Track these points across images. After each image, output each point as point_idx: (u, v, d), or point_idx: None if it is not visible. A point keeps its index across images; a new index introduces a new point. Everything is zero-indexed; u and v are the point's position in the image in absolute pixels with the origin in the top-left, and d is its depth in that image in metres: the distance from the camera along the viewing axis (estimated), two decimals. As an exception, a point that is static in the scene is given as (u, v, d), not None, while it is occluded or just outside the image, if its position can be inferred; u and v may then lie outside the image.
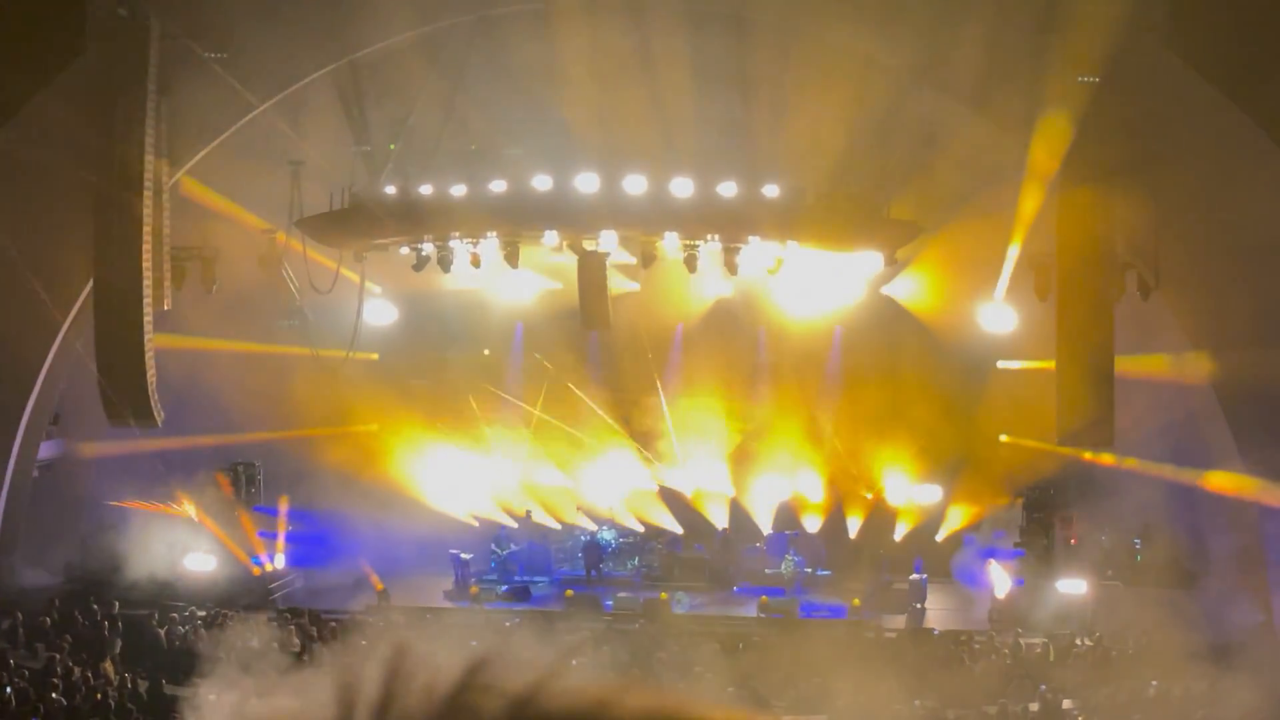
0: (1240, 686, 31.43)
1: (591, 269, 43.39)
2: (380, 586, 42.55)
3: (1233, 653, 34.34)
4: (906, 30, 38.03)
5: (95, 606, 38.46)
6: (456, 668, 4.25)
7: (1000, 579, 42.58)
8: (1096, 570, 40.90)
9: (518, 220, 41.49)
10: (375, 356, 48.13)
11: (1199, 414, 39.41)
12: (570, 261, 43.28)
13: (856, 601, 42.18)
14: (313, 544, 45.68)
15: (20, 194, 38.68)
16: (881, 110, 40.37)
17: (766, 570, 45.70)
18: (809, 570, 45.45)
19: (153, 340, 38.06)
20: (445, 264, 43.09)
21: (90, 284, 38.26)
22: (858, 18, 38.18)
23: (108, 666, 33.45)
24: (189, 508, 42.63)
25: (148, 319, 37.88)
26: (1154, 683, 33.28)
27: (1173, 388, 39.64)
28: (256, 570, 43.14)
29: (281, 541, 45.16)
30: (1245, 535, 37.87)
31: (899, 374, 46.54)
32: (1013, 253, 40.50)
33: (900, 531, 46.74)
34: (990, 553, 44.21)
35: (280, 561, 44.27)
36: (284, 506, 46.13)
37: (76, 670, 32.92)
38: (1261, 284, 37.12)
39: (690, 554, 46.46)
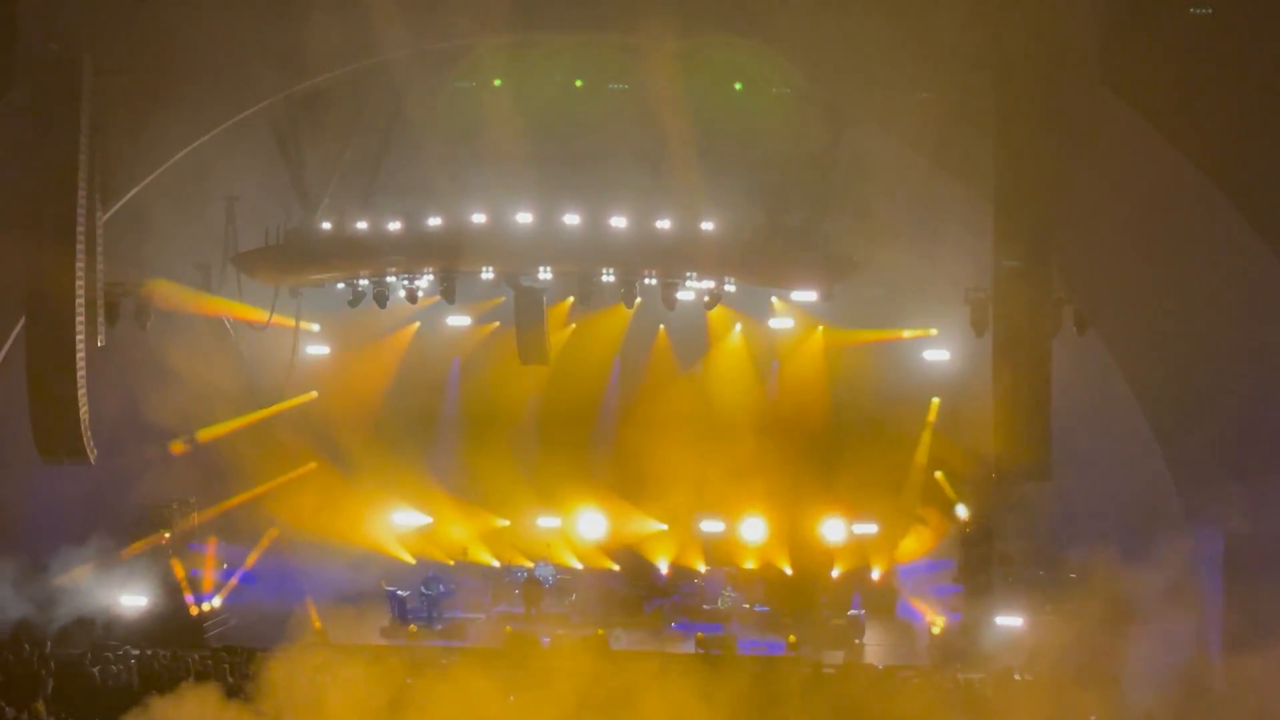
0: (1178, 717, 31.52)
1: (528, 304, 43.38)
2: (318, 624, 42.21)
3: (1171, 684, 34.38)
4: (840, 65, 38.11)
5: (26, 645, 38.06)
6: None
7: (937, 614, 42.59)
8: (1034, 604, 40.88)
9: (454, 256, 41.35)
10: (313, 394, 47.97)
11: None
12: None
13: (793, 638, 42.07)
14: (246, 581, 45.35)
15: (-50, 229, 38.34)
16: (817, 145, 40.49)
17: (704, 606, 45.59)
18: (746, 606, 45.34)
19: (84, 377, 37.71)
20: (381, 300, 42.97)
21: (22, 321, 37.90)
22: (793, 55, 38.28)
23: (39, 707, 33.11)
24: None
25: (81, 356, 37.52)
26: (1092, 716, 33.30)
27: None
28: (195, 610, 42.76)
29: (215, 580, 44.79)
30: (1182, 568, 37.93)
31: (835, 408, 46.68)
32: (949, 286, 40.63)
33: (837, 568, 46.64)
34: (927, 588, 44.25)
35: (215, 599, 43.87)
36: (214, 545, 45.75)
37: (9, 710, 32.57)
38: (1196, 318, 37.31)
39: (628, 590, 46.25)
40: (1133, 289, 37.61)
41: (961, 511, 44.18)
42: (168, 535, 44.43)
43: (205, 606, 43.23)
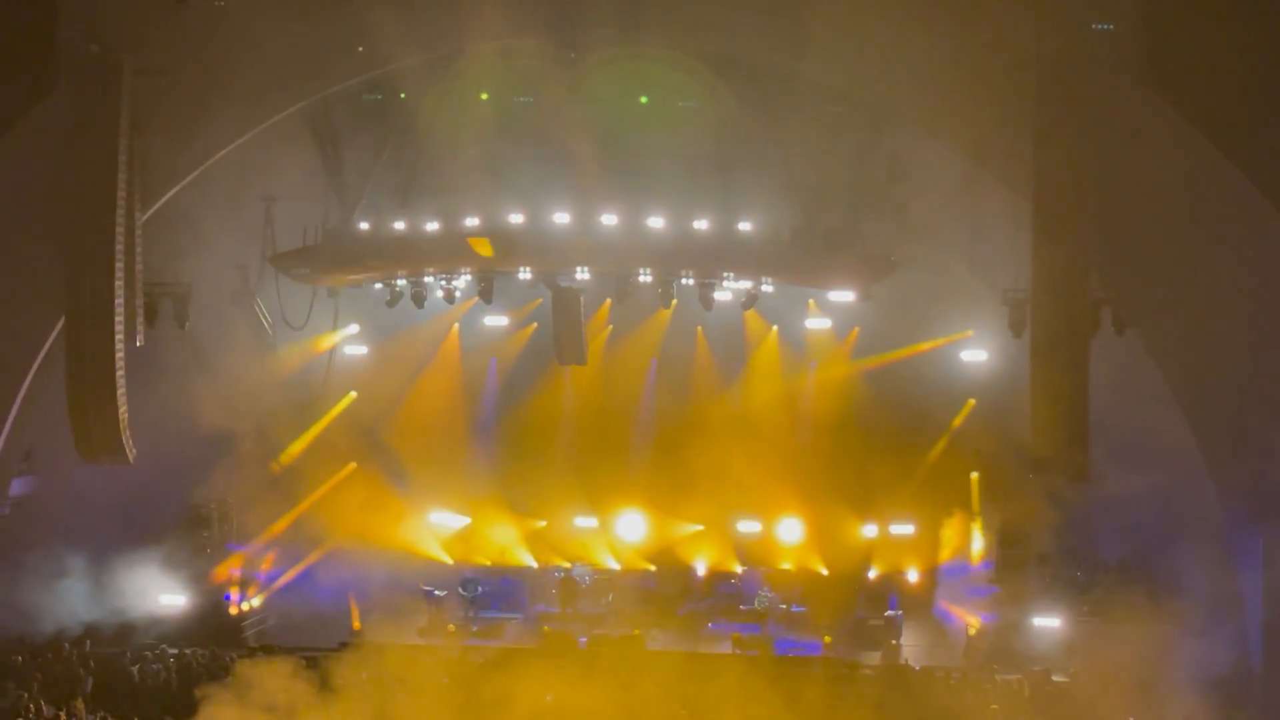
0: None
1: (565, 304, 43.35)
2: (357, 625, 42.30)
3: (1210, 686, 34.26)
4: (879, 67, 38.02)
5: (66, 644, 38.20)
6: None
7: (974, 615, 42.49)
8: (1072, 606, 40.78)
9: (491, 256, 41.37)
10: (352, 395, 48.07)
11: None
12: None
13: (828, 639, 42.02)
14: (285, 581, 45.41)
15: (-9, 231, 38.53)
16: (856, 146, 40.45)
17: (741, 606, 45.55)
18: (783, 606, 45.30)
19: (124, 376, 37.81)
20: (419, 299, 43.04)
21: (62, 320, 38.01)
22: (831, 55, 38.17)
23: (79, 705, 33.16)
24: None
25: (120, 356, 37.63)
26: (1131, 718, 33.20)
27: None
28: (234, 609, 42.83)
29: (253, 579, 44.88)
30: (1221, 570, 37.78)
31: (871, 408, 46.59)
32: (988, 287, 40.59)
33: (874, 568, 46.58)
34: (965, 589, 44.17)
35: (254, 599, 43.94)
36: (257, 544, 45.89)
37: (47, 709, 32.66)
38: (1236, 320, 37.16)
39: (665, 591, 46.22)
40: (1172, 290, 37.43)
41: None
42: (207, 534, 44.62)
43: (244, 606, 43.28)
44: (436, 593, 44.54)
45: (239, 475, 44.73)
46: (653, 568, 47.66)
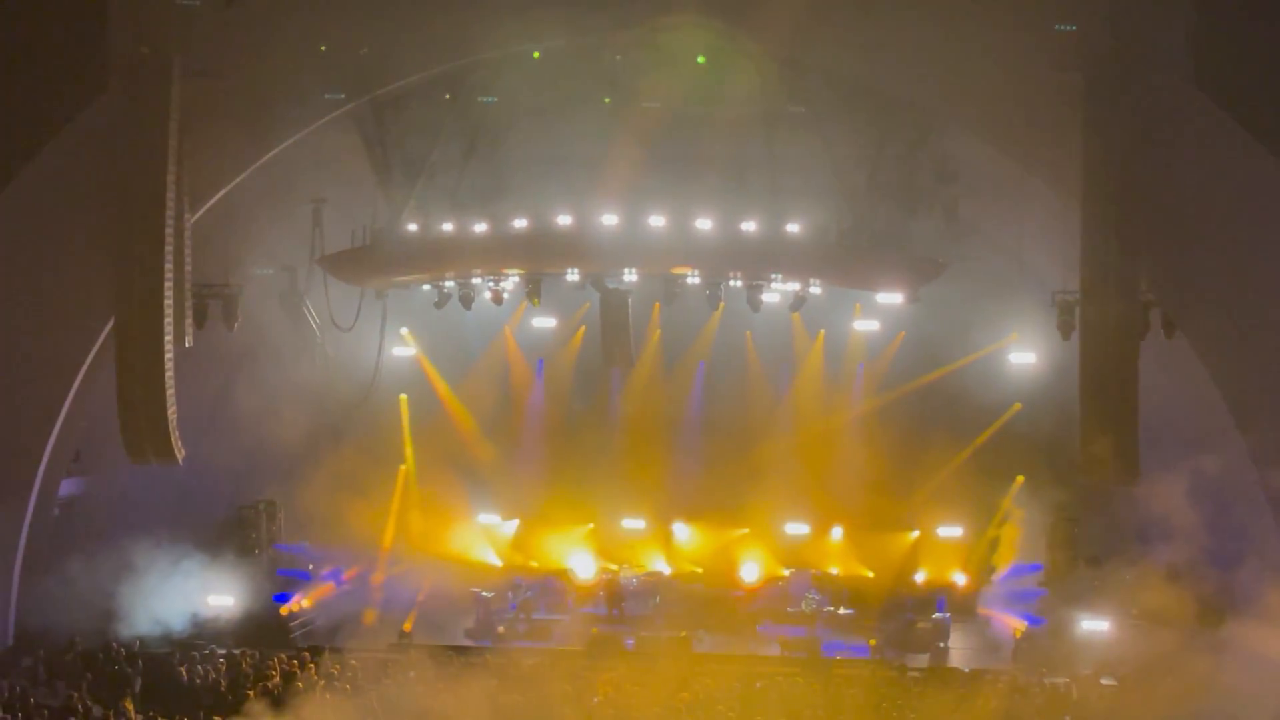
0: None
1: (613, 306, 43.38)
2: (408, 626, 42.38)
3: (1262, 692, 34.04)
4: (927, 68, 37.96)
5: (115, 644, 38.35)
6: None
7: (1020, 618, 42.38)
8: (1121, 609, 40.61)
9: (539, 258, 41.44)
10: (403, 398, 48.25)
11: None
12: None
13: (873, 641, 41.97)
14: (333, 582, 45.51)
15: (42, 231, 38.68)
16: (904, 147, 40.36)
17: (788, 609, 45.50)
18: (830, 609, 45.23)
19: (173, 377, 37.96)
20: (467, 301, 43.09)
21: (111, 322, 38.18)
22: (879, 55, 38.12)
23: (128, 705, 33.21)
24: None
25: (169, 357, 37.78)
26: (1179, 723, 33.05)
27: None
28: (284, 609, 42.92)
29: (300, 580, 45.01)
30: (1272, 574, 37.55)
31: (921, 411, 46.57)
32: (1036, 289, 40.51)
33: (922, 571, 46.53)
34: (1013, 592, 44.08)
35: (303, 600, 44.04)
36: (305, 545, 46.07)
37: (96, 709, 32.77)
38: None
39: (712, 593, 46.20)
40: (1221, 292, 37.26)
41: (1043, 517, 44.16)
42: (255, 536, 44.76)
43: (292, 607, 43.39)
44: (484, 594, 44.56)
45: (287, 477, 44.88)
46: (700, 570, 47.65)
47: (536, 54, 39.89)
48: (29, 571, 40.29)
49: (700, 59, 39.61)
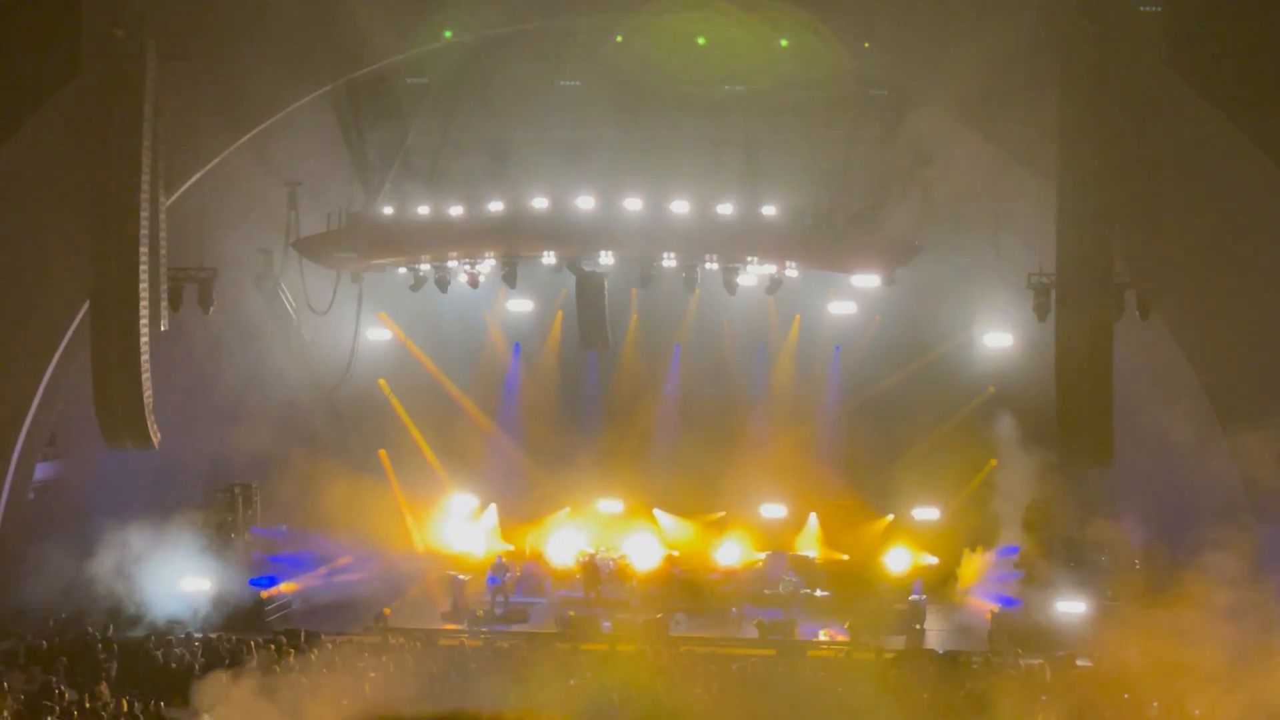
0: (1242, 706, 31.24)
1: (590, 290, 43.38)
2: (388, 610, 42.35)
3: (1234, 673, 34.12)
4: (904, 50, 37.97)
5: (91, 629, 38.26)
6: None
7: (996, 600, 42.45)
8: (1096, 590, 40.68)
9: (515, 241, 41.40)
10: (382, 382, 48.23)
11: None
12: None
13: (849, 623, 42.00)
14: (310, 566, 45.42)
15: (16, 213, 38.61)
16: (879, 130, 40.39)
17: (765, 590, 45.54)
18: (807, 590, 45.26)
19: (148, 361, 37.90)
20: (443, 284, 43.07)
21: (86, 305, 38.11)
22: (854, 39, 38.13)
23: (103, 689, 33.18)
24: None
25: (144, 340, 37.73)
26: (1155, 703, 33.10)
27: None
28: (263, 594, 42.85)
29: (276, 564, 44.94)
30: (1247, 556, 37.64)
31: (896, 394, 46.66)
32: (1012, 271, 40.55)
33: (899, 553, 46.57)
34: (989, 574, 44.15)
35: (279, 583, 43.97)
36: (282, 528, 46.01)
37: (72, 693, 32.72)
38: (1260, 305, 37.07)
39: (688, 575, 46.21)
40: (1197, 274, 37.35)
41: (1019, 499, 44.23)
42: (231, 519, 44.69)
43: (268, 590, 43.33)
44: (461, 578, 44.55)
45: (264, 460, 44.80)
46: (676, 552, 47.67)
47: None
48: (4, 556, 40.23)
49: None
